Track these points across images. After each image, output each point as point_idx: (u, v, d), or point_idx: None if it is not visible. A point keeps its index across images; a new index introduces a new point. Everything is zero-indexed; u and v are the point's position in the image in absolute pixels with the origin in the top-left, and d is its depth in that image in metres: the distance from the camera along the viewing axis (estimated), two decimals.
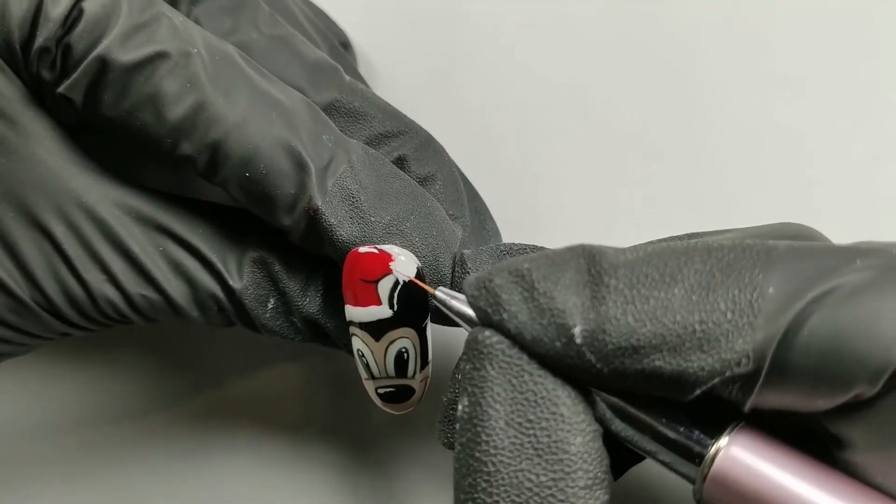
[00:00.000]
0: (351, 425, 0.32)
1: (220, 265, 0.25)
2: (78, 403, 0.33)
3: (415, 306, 0.24)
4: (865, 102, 0.32)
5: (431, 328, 0.26)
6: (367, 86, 0.31)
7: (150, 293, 0.25)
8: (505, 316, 0.19)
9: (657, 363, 0.18)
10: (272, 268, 0.26)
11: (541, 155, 0.34)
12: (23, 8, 0.23)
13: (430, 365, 0.25)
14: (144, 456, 0.33)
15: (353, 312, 0.24)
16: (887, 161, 0.31)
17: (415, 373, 0.25)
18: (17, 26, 0.23)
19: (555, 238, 0.32)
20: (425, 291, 0.24)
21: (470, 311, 0.21)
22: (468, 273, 0.25)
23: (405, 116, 0.28)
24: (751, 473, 0.19)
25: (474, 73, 0.34)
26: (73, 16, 0.23)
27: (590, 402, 0.20)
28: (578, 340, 0.19)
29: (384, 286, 0.24)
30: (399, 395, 0.25)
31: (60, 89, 0.24)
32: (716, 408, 0.19)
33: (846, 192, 0.31)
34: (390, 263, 0.24)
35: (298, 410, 0.32)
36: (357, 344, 0.25)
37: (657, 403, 0.20)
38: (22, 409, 0.33)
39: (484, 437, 0.19)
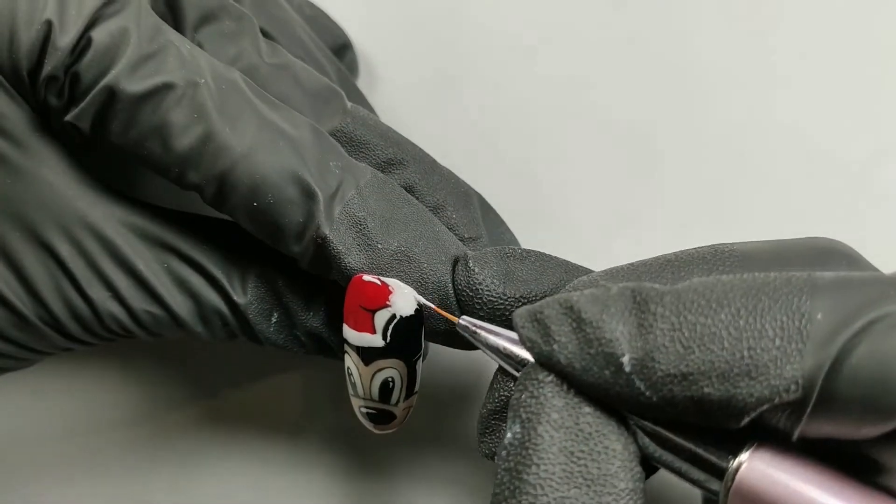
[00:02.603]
0: (350, 430, 0.32)
1: (224, 281, 0.26)
2: (80, 409, 0.33)
3: (408, 341, 0.24)
4: (867, 101, 0.32)
5: (424, 355, 0.26)
6: (371, 107, 0.31)
7: (155, 309, 0.25)
8: (555, 347, 0.20)
9: (706, 390, 0.19)
10: (276, 283, 0.26)
11: (543, 154, 0.34)
12: (31, 36, 0.23)
13: (416, 396, 0.26)
14: (146, 461, 0.33)
15: (349, 334, 0.25)
16: (888, 160, 0.31)
17: (398, 401, 0.25)
18: (25, 55, 0.23)
19: (558, 238, 0.33)
20: (420, 328, 0.25)
21: (494, 340, 0.22)
22: (472, 272, 0.25)
23: (408, 142, 0.28)
24: (772, 485, 0.19)
25: (475, 73, 0.34)
26: (82, 45, 0.23)
27: (632, 433, 0.20)
28: (627, 369, 0.19)
29: (381, 317, 0.24)
30: (380, 417, 0.26)
31: (68, 117, 0.24)
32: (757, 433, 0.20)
33: (847, 192, 0.31)
34: (389, 297, 0.24)
35: (298, 416, 0.33)
36: (348, 362, 0.25)
37: (692, 428, 0.20)
38: (25, 415, 0.33)
39: (535, 461, 0.19)
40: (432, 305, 0.24)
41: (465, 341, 0.26)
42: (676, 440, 0.20)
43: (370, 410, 0.26)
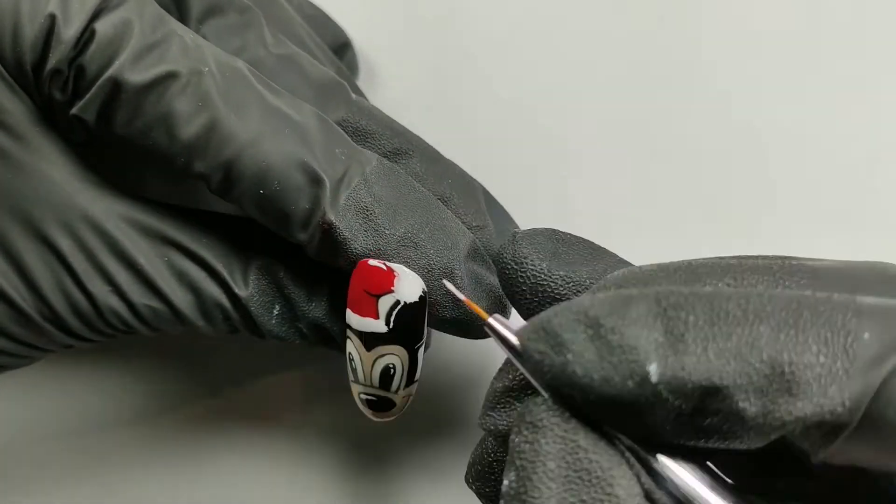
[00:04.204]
0: (350, 427, 0.32)
1: (225, 274, 0.25)
2: (82, 407, 0.33)
3: (411, 328, 0.24)
4: (866, 102, 0.32)
5: (427, 346, 0.26)
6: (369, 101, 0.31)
7: (156, 303, 0.25)
8: (570, 356, 0.18)
9: (741, 404, 0.17)
10: (277, 275, 0.26)
11: (542, 153, 0.34)
12: (35, 29, 0.23)
13: (417, 384, 0.26)
14: (147, 459, 0.33)
15: (352, 318, 0.25)
16: (887, 161, 0.31)
17: (398, 389, 0.25)
18: (29, 48, 0.23)
19: None
20: (423, 316, 0.24)
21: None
22: (518, 245, 0.23)
23: (411, 133, 0.28)
24: None
25: (475, 72, 0.34)
26: (86, 37, 0.23)
27: (635, 474, 0.19)
28: (654, 379, 0.17)
29: (385, 302, 0.24)
30: (380, 404, 0.26)
31: (74, 110, 0.24)
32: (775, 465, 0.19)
33: (846, 193, 0.31)
34: (394, 282, 0.24)
35: (299, 413, 0.33)
36: (349, 347, 0.25)
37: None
38: (26, 413, 0.33)
39: None
40: (464, 298, 0.22)
41: (470, 330, 0.26)
42: (682, 482, 0.18)
43: (370, 397, 0.26)
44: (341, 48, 0.33)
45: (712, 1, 0.33)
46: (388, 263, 0.24)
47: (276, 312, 0.26)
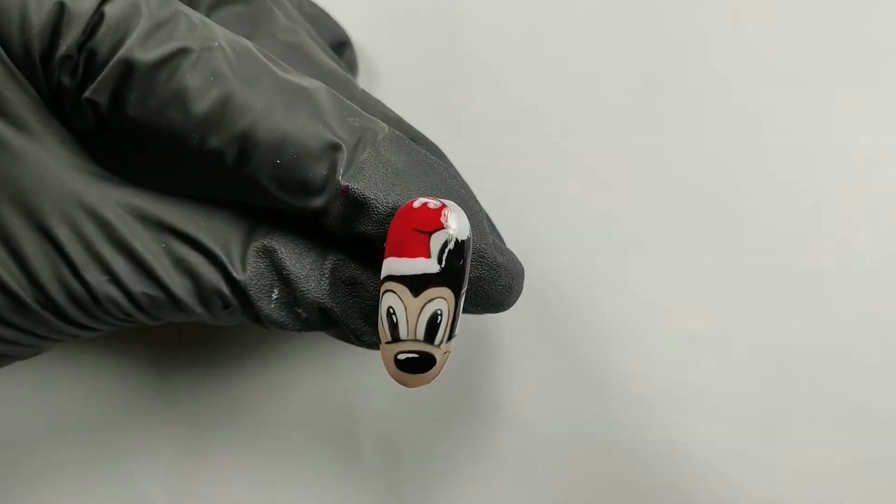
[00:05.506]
0: (352, 428, 0.32)
1: (223, 257, 0.25)
2: (80, 403, 0.33)
3: (460, 269, 0.24)
4: (866, 103, 0.32)
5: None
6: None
7: (154, 291, 0.25)
8: None
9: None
10: (276, 255, 0.26)
11: (543, 154, 0.34)
12: (42, 17, 0.23)
13: (454, 341, 0.25)
14: (147, 459, 0.33)
15: (397, 265, 0.23)
16: (887, 162, 0.31)
17: (442, 341, 0.24)
18: (37, 36, 0.23)
19: (558, 239, 0.33)
20: (469, 258, 0.24)
21: None
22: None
23: (417, 130, 0.28)
24: None
25: (476, 71, 0.35)
26: (94, 21, 0.23)
27: None
28: None
29: (437, 240, 0.23)
30: (420, 363, 0.24)
31: (87, 94, 0.24)
32: None
33: (846, 193, 0.31)
34: (447, 216, 0.23)
35: (299, 413, 0.32)
36: (389, 301, 0.24)
37: None
38: (26, 409, 0.33)
39: None
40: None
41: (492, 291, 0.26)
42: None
43: (410, 355, 0.24)
44: (341, 46, 0.33)
45: (714, 4, 0.33)
46: (438, 199, 0.23)
47: (274, 297, 0.26)
